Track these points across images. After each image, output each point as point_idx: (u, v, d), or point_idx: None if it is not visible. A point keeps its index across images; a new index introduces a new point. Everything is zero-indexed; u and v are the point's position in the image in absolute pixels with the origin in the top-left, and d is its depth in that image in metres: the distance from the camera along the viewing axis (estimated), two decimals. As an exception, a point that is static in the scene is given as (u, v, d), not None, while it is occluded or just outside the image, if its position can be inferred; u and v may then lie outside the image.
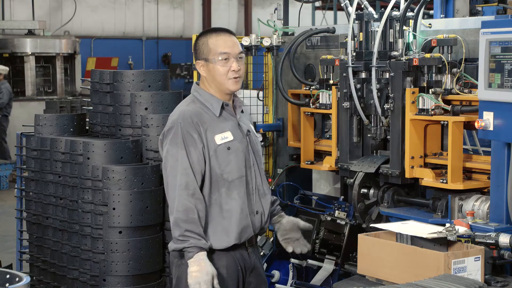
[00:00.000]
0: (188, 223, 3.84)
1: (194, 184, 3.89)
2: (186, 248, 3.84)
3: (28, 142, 5.76)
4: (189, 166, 3.89)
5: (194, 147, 3.90)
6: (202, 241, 3.85)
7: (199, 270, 3.77)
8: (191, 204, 3.86)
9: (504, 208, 4.31)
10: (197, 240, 3.83)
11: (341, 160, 5.33)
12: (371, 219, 5.05)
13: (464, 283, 3.47)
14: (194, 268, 3.78)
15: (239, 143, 4.00)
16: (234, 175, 3.96)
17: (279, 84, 5.85)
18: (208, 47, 3.99)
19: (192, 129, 3.91)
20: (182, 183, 3.88)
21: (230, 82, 3.98)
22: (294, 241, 4.27)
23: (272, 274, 5.82)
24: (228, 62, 3.96)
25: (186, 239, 3.84)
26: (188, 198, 3.86)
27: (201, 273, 3.77)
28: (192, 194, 3.88)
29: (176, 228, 3.86)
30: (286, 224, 4.26)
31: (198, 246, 3.83)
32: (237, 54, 3.99)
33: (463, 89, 4.74)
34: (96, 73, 5.64)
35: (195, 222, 3.85)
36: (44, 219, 5.57)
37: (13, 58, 15.92)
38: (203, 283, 3.75)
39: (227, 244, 3.96)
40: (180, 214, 3.85)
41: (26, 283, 3.08)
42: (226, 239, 3.96)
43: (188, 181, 3.88)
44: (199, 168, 3.91)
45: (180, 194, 3.87)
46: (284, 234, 4.27)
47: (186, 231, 3.84)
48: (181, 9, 23.20)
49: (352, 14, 5.21)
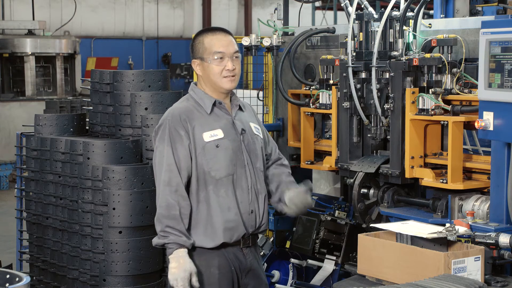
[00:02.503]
0: (169, 219, 3.87)
1: (178, 181, 3.91)
2: (166, 244, 3.88)
3: (28, 142, 5.77)
4: (174, 162, 3.91)
5: (181, 143, 3.93)
6: (182, 238, 3.86)
7: (177, 266, 3.81)
8: (173, 201, 3.89)
9: (504, 208, 4.31)
10: (177, 236, 3.86)
11: (341, 160, 5.33)
12: (371, 219, 5.05)
13: (464, 283, 3.47)
14: (173, 265, 3.83)
15: (230, 141, 4.00)
16: (222, 173, 3.97)
17: (279, 84, 5.85)
18: (203, 46, 4.03)
19: (179, 126, 3.94)
20: (166, 179, 3.91)
21: (224, 81, 4.00)
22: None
23: (272, 274, 5.83)
24: (222, 61, 3.99)
25: (166, 235, 3.87)
26: (171, 194, 3.89)
27: (179, 270, 3.80)
28: (175, 190, 3.90)
29: (158, 224, 3.91)
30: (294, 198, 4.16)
31: (178, 243, 3.85)
32: (232, 53, 4.01)
33: (463, 89, 4.74)
34: (96, 73, 5.64)
35: (176, 218, 3.87)
36: (44, 219, 5.57)
37: (13, 58, 15.91)
38: (180, 279, 3.79)
39: (217, 242, 3.96)
40: (162, 210, 3.90)
41: (26, 283, 3.08)
42: (215, 237, 3.96)
43: (171, 177, 3.91)
44: (185, 165, 3.93)
45: (163, 190, 3.91)
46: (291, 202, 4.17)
47: (166, 227, 3.87)
48: (181, 9, 23.20)
49: (352, 14, 5.21)
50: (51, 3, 20.74)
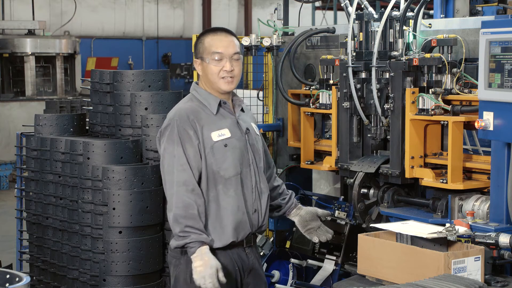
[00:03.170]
0: (188, 219, 3.84)
1: (193, 180, 3.90)
2: (187, 244, 3.84)
3: (28, 142, 5.76)
4: (187, 162, 3.90)
5: (190, 143, 3.92)
6: (203, 235, 3.85)
7: (203, 264, 3.77)
8: (190, 200, 3.87)
9: (504, 208, 4.31)
10: (198, 235, 3.84)
11: (341, 160, 5.33)
12: (371, 219, 5.05)
13: (464, 283, 3.47)
14: (198, 263, 3.78)
15: (237, 140, 4.02)
16: (231, 172, 3.97)
17: (279, 84, 5.85)
18: (203, 46, 4.04)
19: (188, 126, 3.93)
20: (180, 180, 3.89)
21: (221, 82, 4.00)
22: (317, 230, 4.33)
23: (272, 274, 5.83)
24: (221, 62, 3.99)
25: (187, 234, 3.84)
26: (187, 194, 3.87)
27: (205, 267, 3.76)
28: (192, 189, 3.89)
29: (176, 225, 3.87)
30: (306, 215, 4.33)
31: (200, 241, 3.83)
32: (231, 54, 4.00)
33: (463, 89, 4.74)
34: (96, 73, 5.64)
35: (195, 217, 3.85)
36: (44, 219, 5.57)
37: (13, 58, 15.92)
38: (208, 277, 3.75)
39: (225, 241, 3.96)
40: (179, 210, 3.86)
41: (26, 283, 3.08)
42: (224, 236, 3.96)
43: (186, 177, 3.89)
44: (196, 164, 3.93)
45: (179, 191, 3.88)
46: (305, 225, 4.33)
47: (186, 226, 3.84)
48: (181, 9, 23.20)
49: (352, 14, 5.21)
50: (51, 3, 20.74)
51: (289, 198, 4.37)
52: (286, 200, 4.37)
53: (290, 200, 4.37)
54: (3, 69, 15.87)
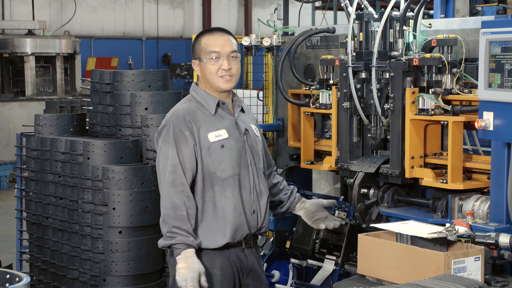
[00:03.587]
0: (176, 220, 3.86)
1: (183, 181, 3.91)
2: (173, 245, 3.87)
3: (28, 142, 5.77)
4: (179, 163, 3.91)
5: (185, 144, 3.93)
6: (190, 238, 3.86)
7: (186, 267, 3.80)
8: (179, 201, 3.88)
9: (504, 208, 4.30)
10: (185, 237, 3.85)
11: (341, 160, 5.33)
12: (371, 219, 5.05)
13: (464, 283, 3.47)
14: (181, 265, 3.82)
15: (235, 141, 4.01)
16: (228, 173, 3.97)
17: (279, 84, 5.85)
18: (200, 46, 4.05)
19: (184, 127, 3.93)
20: (170, 180, 3.91)
21: (220, 81, 4.01)
22: (324, 220, 4.36)
23: (272, 274, 5.82)
24: (218, 61, 4.00)
25: (173, 235, 3.86)
26: (176, 195, 3.89)
27: (188, 270, 3.79)
28: (181, 191, 3.90)
29: (164, 225, 3.90)
30: (311, 207, 4.38)
31: (186, 243, 3.85)
32: (229, 52, 4.01)
33: (463, 89, 4.73)
34: (96, 73, 5.64)
35: (183, 219, 3.87)
36: (44, 219, 5.57)
37: (13, 58, 15.92)
38: (189, 280, 3.78)
39: (221, 242, 3.96)
40: (168, 211, 3.89)
41: (26, 283, 3.08)
42: (219, 237, 3.96)
43: (176, 178, 3.90)
44: (189, 165, 3.93)
45: (168, 191, 3.90)
46: (312, 217, 4.38)
47: (173, 227, 3.86)
48: (181, 9, 23.20)
49: (352, 14, 5.21)
50: (51, 3, 20.74)
51: (291, 193, 4.40)
52: (288, 195, 4.39)
53: (292, 195, 4.39)
54: (3, 69, 15.87)
